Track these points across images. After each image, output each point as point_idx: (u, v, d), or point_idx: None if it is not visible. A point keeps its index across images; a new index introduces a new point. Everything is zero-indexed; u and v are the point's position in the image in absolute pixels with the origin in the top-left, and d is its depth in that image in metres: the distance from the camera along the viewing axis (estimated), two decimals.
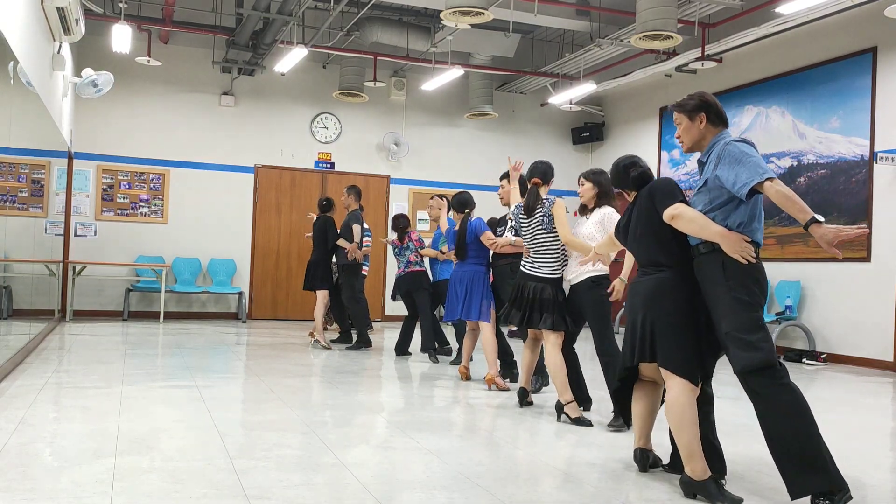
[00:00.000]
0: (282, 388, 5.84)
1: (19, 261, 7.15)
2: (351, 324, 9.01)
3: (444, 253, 7.54)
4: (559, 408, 4.93)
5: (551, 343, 4.99)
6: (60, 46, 8.34)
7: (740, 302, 3.25)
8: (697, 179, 3.57)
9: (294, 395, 5.55)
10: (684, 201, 3.51)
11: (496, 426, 4.93)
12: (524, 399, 5.38)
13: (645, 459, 3.73)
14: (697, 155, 3.63)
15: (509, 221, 6.27)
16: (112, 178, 11.72)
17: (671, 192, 3.57)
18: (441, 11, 8.53)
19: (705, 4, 9.29)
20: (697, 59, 10.19)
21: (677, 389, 3.38)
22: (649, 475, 3.69)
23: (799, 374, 7.94)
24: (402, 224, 8.30)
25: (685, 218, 3.40)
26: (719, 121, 3.53)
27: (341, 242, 8.66)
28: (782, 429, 3.18)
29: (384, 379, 6.82)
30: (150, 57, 10.83)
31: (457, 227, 6.62)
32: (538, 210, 5.14)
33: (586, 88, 11.82)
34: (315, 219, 9.02)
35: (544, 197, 5.17)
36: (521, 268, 5.20)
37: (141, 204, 11.85)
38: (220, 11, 11.26)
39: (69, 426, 4.30)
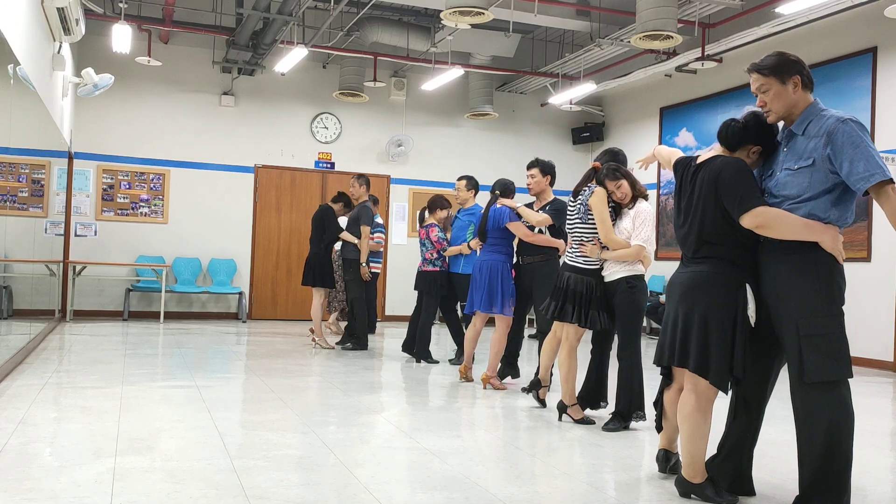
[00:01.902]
0: (282, 388, 5.83)
1: (19, 261, 7.15)
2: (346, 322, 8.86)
3: (470, 247, 7.08)
4: (561, 408, 4.92)
5: (569, 344, 4.86)
6: (60, 46, 8.34)
7: (831, 303, 2.92)
8: (784, 151, 3.15)
9: (294, 395, 5.55)
10: (760, 191, 3.12)
11: (496, 426, 4.93)
12: (535, 389, 5.33)
13: (666, 461, 3.66)
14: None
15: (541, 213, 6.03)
16: (112, 178, 11.72)
17: (747, 185, 3.09)
18: (441, 11, 8.53)
19: (705, 4, 9.29)
20: (697, 59, 10.19)
21: (699, 397, 3.20)
22: (650, 478, 3.69)
23: None
24: (427, 209, 7.78)
25: (777, 225, 3.00)
26: (811, 85, 3.09)
27: (345, 236, 8.51)
28: (825, 447, 2.93)
29: (384, 379, 6.81)
30: (150, 57, 10.83)
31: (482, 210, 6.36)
32: (579, 196, 4.82)
33: (586, 88, 11.81)
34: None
35: (588, 184, 4.79)
36: (564, 258, 4.98)
37: (141, 204, 11.85)
38: (220, 11, 11.26)
39: (69, 426, 4.30)
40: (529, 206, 6.23)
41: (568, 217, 4.98)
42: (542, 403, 5.38)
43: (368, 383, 6.36)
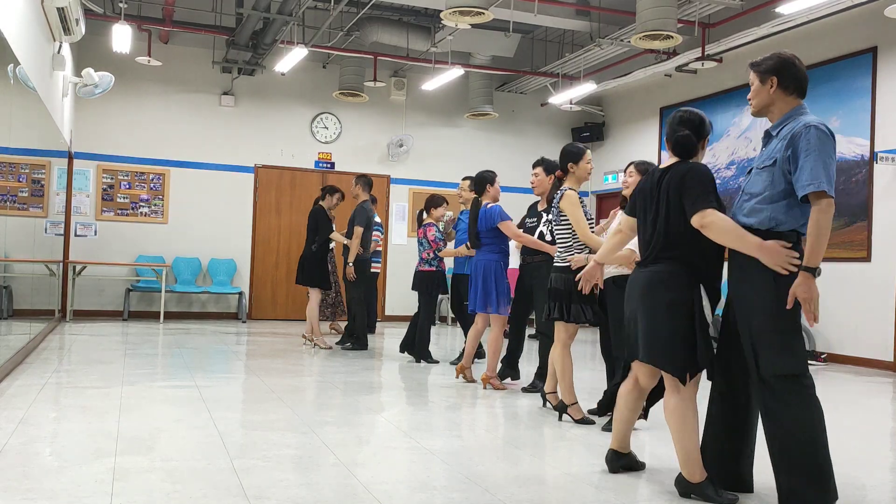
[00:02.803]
0: (282, 388, 5.84)
1: (19, 261, 7.15)
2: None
3: (468, 248, 6.83)
4: (561, 408, 4.92)
5: (560, 342, 4.90)
6: (60, 46, 8.34)
7: (782, 303, 3.02)
8: (761, 150, 3.30)
9: (294, 395, 5.55)
10: (717, 199, 3.26)
11: (496, 426, 4.93)
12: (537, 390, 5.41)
13: (617, 460, 3.68)
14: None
15: (544, 215, 5.96)
16: (112, 178, 11.72)
17: (705, 189, 3.24)
18: (441, 11, 8.53)
19: (705, 4, 9.29)
20: (697, 59, 10.19)
21: (676, 392, 3.28)
22: (650, 478, 3.68)
23: None
24: (425, 209, 7.66)
25: (716, 229, 3.16)
26: (795, 89, 3.18)
27: (335, 237, 8.47)
28: (794, 440, 3.02)
29: (384, 379, 6.81)
30: (150, 57, 10.83)
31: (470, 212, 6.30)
32: (553, 202, 5.03)
33: (586, 88, 11.82)
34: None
35: (560, 188, 4.98)
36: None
37: (141, 204, 11.85)
38: (220, 11, 11.26)
39: (69, 426, 4.30)
40: (534, 205, 6.25)
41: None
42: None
43: (368, 383, 6.36)
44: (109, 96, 10.64)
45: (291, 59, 10.98)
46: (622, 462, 3.69)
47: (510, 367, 6.48)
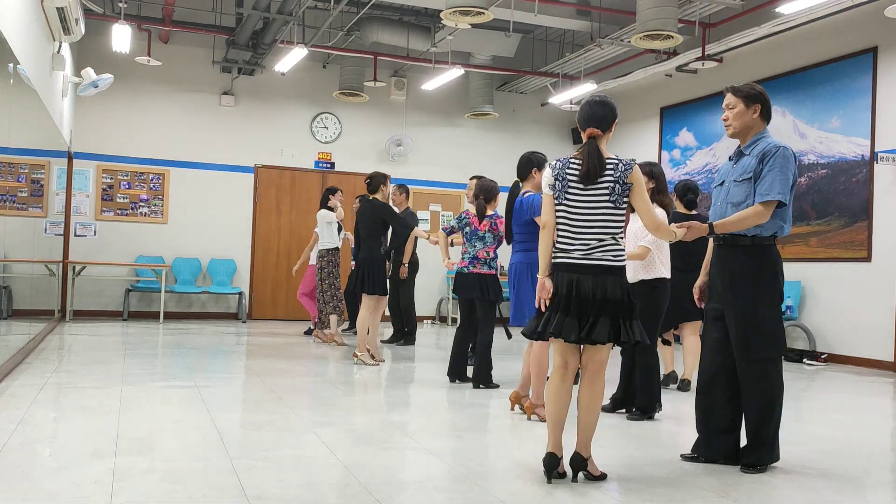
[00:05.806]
0: (282, 388, 5.83)
1: (19, 261, 7.15)
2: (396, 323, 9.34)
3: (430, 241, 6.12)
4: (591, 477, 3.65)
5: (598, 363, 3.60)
6: (60, 46, 8.34)
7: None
8: (733, 167, 3.83)
9: (294, 395, 5.55)
10: None
11: (497, 426, 4.93)
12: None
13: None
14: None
15: None
16: (112, 178, 11.72)
17: None
18: (441, 11, 8.53)
19: (705, 4, 9.29)
20: (697, 59, 10.18)
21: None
22: (650, 476, 3.68)
23: (799, 375, 7.94)
24: (486, 193, 6.10)
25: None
26: (768, 117, 3.82)
27: (417, 232, 8.06)
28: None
29: (384, 380, 6.81)
30: (150, 57, 10.82)
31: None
32: (607, 174, 3.49)
33: (586, 88, 11.82)
34: (359, 202, 7.71)
35: (613, 157, 3.60)
36: (566, 257, 3.51)
37: (141, 204, 11.85)
38: (220, 11, 11.26)
39: (69, 426, 4.30)
40: None
41: (573, 196, 3.54)
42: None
43: (369, 384, 6.36)
44: (109, 96, 10.65)
45: (291, 58, 10.98)
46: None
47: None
